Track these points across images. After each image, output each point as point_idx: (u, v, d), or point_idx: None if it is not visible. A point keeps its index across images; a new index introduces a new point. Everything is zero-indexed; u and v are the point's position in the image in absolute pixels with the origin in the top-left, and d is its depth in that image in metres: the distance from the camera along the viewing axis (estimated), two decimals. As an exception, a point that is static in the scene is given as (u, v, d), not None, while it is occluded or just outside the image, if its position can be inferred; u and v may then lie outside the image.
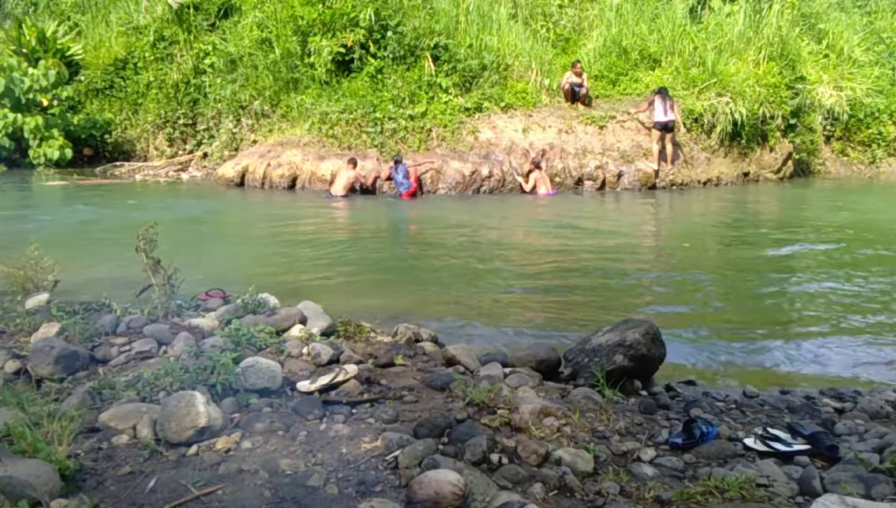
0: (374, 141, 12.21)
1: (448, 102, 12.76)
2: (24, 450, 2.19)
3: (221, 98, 14.41)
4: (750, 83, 13.55)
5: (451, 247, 7.90)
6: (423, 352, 3.82)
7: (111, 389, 2.91)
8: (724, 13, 15.08)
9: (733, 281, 6.60)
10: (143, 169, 14.82)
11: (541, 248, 8.10)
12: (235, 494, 2.14)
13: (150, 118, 15.38)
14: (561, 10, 15.48)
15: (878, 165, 16.79)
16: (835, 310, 5.54)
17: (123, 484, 2.20)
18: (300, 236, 8.46)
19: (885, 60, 17.81)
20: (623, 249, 7.99)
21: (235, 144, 14.37)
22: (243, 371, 2.92)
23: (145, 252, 3.93)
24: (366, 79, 13.04)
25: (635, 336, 3.68)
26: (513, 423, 2.77)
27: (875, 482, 2.43)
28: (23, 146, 14.37)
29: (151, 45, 15.59)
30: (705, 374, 4.28)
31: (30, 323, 3.75)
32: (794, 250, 8.12)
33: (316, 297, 4.47)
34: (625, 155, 12.72)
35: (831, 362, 4.51)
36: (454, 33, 13.58)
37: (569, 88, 13.14)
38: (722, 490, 2.38)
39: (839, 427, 3.26)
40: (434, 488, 2.08)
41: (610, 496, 2.36)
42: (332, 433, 2.60)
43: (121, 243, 6.48)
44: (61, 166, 14.42)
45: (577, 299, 5.89)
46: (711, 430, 3.01)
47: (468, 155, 12.16)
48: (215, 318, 3.90)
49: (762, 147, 14.28)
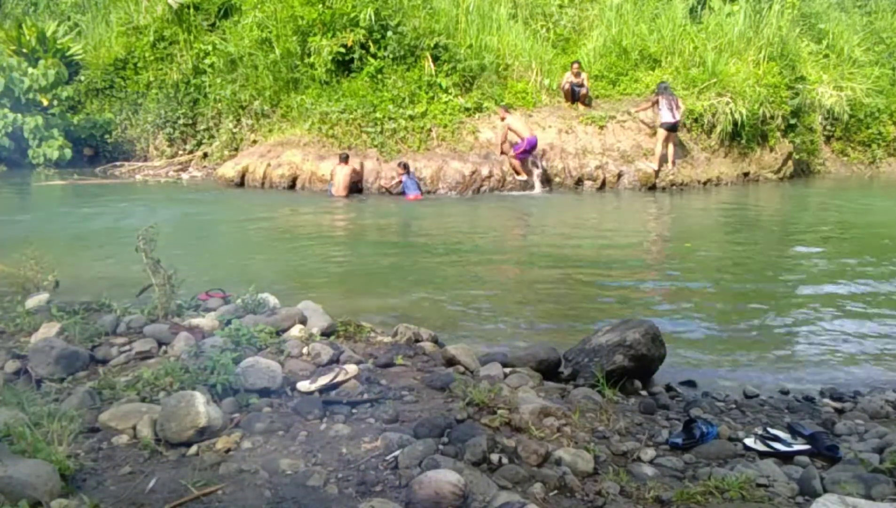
0: (374, 141, 12.20)
1: (448, 102, 12.75)
2: (24, 450, 2.19)
3: (221, 98, 14.40)
4: (750, 83, 13.54)
5: (451, 247, 7.90)
6: (423, 352, 3.82)
7: (111, 389, 2.91)
8: (724, 13, 15.06)
9: (734, 281, 6.60)
10: (143, 169, 14.81)
11: (541, 248, 8.09)
12: (235, 494, 2.14)
13: (150, 118, 15.36)
14: (561, 10, 15.45)
15: (878, 165, 16.79)
16: (835, 310, 5.54)
17: (123, 484, 2.20)
18: (300, 236, 8.46)
19: (885, 60, 17.80)
20: (624, 249, 7.99)
21: (235, 144, 14.36)
22: (243, 371, 2.92)
23: (145, 252, 3.93)
24: (366, 79, 13.03)
25: (635, 336, 3.68)
26: (513, 423, 2.77)
27: (875, 482, 2.44)
28: (22, 146, 14.35)
29: (151, 45, 15.57)
30: (705, 374, 4.27)
31: (30, 323, 3.75)
32: (795, 250, 8.12)
33: (316, 297, 4.47)
34: (625, 155, 12.71)
35: (832, 362, 4.51)
36: (454, 33, 13.57)
37: (569, 88, 13.13)
38: (722, 490, 2.39)
39: (839, 427, 3.27)
40: (434, 488, 2.08)
41: (610, 496, 2.37)
42: (332, 433, 2.60)
43: (121, 243, 6.51)
44: (61, 166, 14.41)
45: (577, 299, 5.89)
46: (711, 430, 3.01)
47: (468, 155, 12.16)
48: (215, 318, 3.90)
49: (762, 147, 14.27)
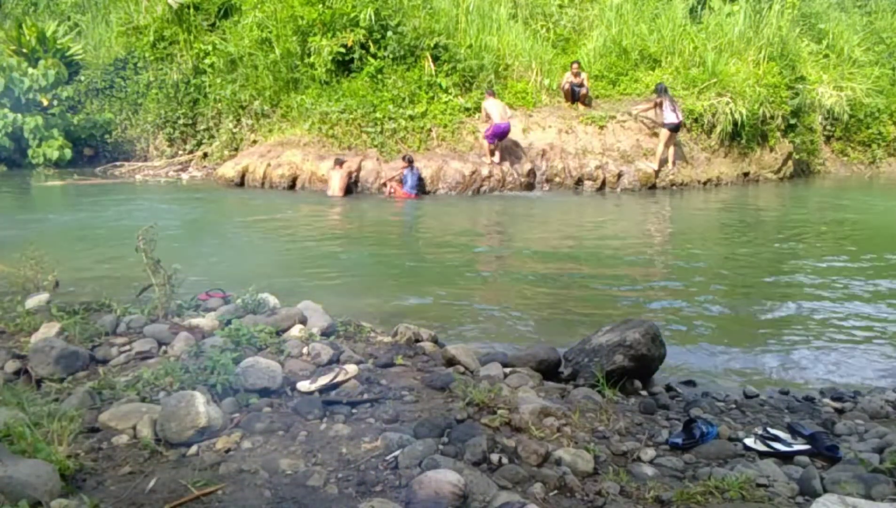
0: (374, 141, 12.20)
1: (448, 102, 12.76)
2: (24, 450, 2.19)
3: (221, 98, 14.40)
4: (750, 83, 13.55)
5: (451, 247, 7.90)
6: (423, 352, 3.82)
7: (111, 389, 2.92)
8: (724, 13, 15.06)
9: (733, 281, 6.60)
10: (143, 169, 14.81)
11: (541, 248, 8.09)
12: (235, 494, 2.14)
13: (150, 118, 15.36)
14: (561, 10, 15.45)
15: (878, 165, 16.80)
16: (836, 310, 5.54)
17: (123, 484, 2.20)
18: (300, 236, 8.46)
19: (885, 60, 17.80)
20: (624, 249, 7.99)
21: (235, 144, 14.36)
22: (243, 371, 2.92)
23: (145, 252, 3.93)
24: (366, 79, 13.03)
25: (635, 336, 3.68)
26: (513, 423, 2.77)
27: (875, 482, 2.44)
28: (22, 146, 14.35)
29: (151, 45, 15.56)
30: (705, 374, 4.27)
31: (30, 323, 3.75)
32: (796, 250, 8.12)
33: (316, 297, 4.47)
34: (625, 155, 12.71)
35: (832, 362, 4.51)
36: (454, 33, 13.57)
37: (569, 87, 13.13)
38: (722, 490, 2.39)
39: (839, 427, 3.27)
40: (434, 488, 2.08)
41: (610, 496, 2.36)
42: (332, 434, 2.60)
43: (121, 243, 6.51)
44: (61, 166, 14.41)
45: (578, 299, 5.89)
46: (711, 430, 3.01)
47: (468, 155, 12.16)
48: (215, 318, 3.90)
49: (762, 147, 14.27)
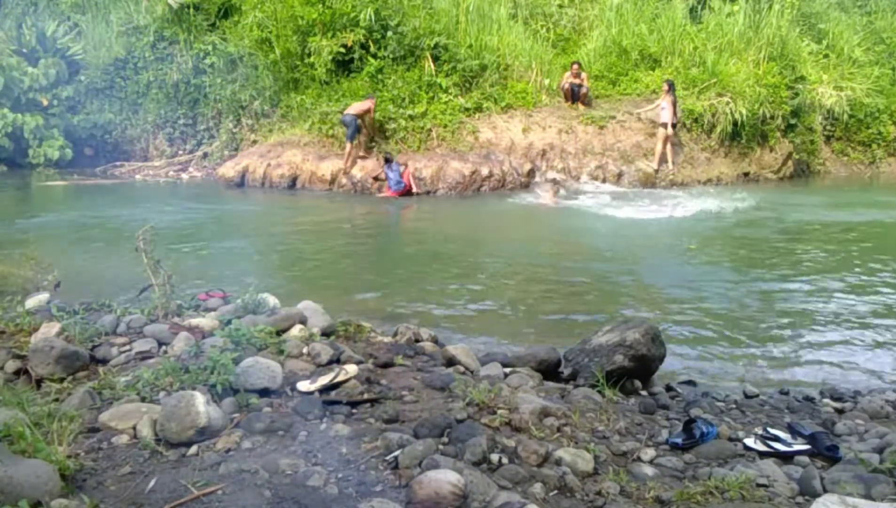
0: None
1: (448, 102, 12.76)
2: (24, 450, 2.18)
3: (221, 98, 14.41)
4: (750, 83, 13.54)
5: (451, 247, 7.90)
6: (423, 352, 3.82)
7: (111, 389, 2.91)
8: (724, 13, 15.06)
9: (733, 281, 6.60)
10: (143, 169, 14.82)
11: (541, 248, 8.09)
12: (235, 494, 2.14)
13: (150, 118, 15.37)
14: (561, 10, 15.45)
15: (878, 165, 16.78)
16: (836, 310, 5.54)
17: (123, 484, 2.20)
18: (300, 236, 8.46)
19: (885, 60, 17.79)
20: (624, 248, 7.99)
21: (235, 144, 14.37)
22: (243, 371, 2.92)
23: (145, 253, 3.93)
24: (366, 79, 13.04)
25: (635, 336, 3.67)
26: (513, 423, 2.77)
27: (875, 482, 2.43)
28: (22, 146, 14.35)
29: (151, 45, 15.56)
30: (705, 374, 4.27)
31: (30, 323, 3.75)
32: (796, 250, 8.11)
33: (316, 297, 4.47)
34: (625, 155, 12.71)
35: (832, 362, 4.51)
36: (454, 33, 13.56)
37: (569, 87, 13.13)
38: (722, 490, 2.38)
39: (839, 427, 3.26)
40: (434, 488, 2.08)
41: (610, 496, 2.36)
42: (332, 433, 2.60)
43: (120, 244, 6.51)
44: (61, 166, 14.42)
45: (578, 299, 5.89)
46: (711, 430, 3.01)
47: (468, 155, 12.16)
48: (215, 318, 3.90)
49: (762, 147, 14.27)
